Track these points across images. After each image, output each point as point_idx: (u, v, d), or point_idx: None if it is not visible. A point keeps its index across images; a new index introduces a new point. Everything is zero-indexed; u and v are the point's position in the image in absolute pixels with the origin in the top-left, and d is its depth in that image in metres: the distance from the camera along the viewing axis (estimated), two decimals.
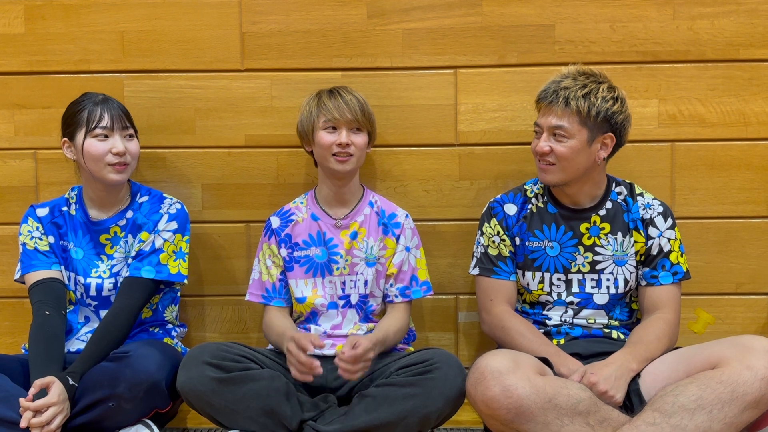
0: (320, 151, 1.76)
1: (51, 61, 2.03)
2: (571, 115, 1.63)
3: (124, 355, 1.56)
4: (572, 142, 1.64)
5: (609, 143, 1.68)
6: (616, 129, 1.68)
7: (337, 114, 1.73)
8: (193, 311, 2.08)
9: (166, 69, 2.02)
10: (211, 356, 1.57)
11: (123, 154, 1.73)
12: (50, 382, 1.53)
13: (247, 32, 2.01)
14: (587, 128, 1.64)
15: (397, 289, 1.78)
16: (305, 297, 1.78)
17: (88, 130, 1.73)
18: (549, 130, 1.66)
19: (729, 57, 1.97)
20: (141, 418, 1.61)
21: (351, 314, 1.79)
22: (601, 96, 1.63)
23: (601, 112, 1.63)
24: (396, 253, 1.79)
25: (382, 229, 1.81)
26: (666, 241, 1.71)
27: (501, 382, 1.42)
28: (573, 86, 1.64)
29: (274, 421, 1.57)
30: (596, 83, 1.66)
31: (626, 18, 1.97)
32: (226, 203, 2.05)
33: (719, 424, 1.41)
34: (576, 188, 1.71)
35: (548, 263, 1.74)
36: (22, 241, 1.80)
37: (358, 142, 1.76)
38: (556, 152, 1.65)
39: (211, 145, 2.04)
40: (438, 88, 2.00)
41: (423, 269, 1.82)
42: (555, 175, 1.67)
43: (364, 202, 1.84)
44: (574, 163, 1.65)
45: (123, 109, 1.78)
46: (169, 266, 1.77)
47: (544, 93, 1.68)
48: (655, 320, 1.67)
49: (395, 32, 2.00)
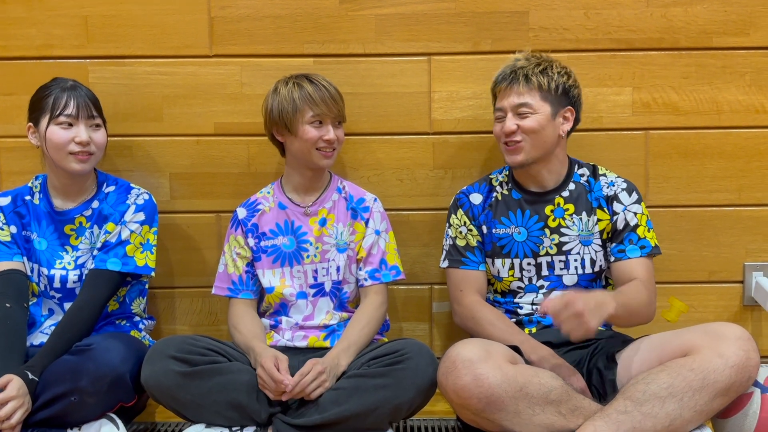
0: (303, 145, 1.71)
1: (12, 46, 1.97)
2: (532, 91, 1.66)
3: (87, 348, 1.52)
4: (538, 116, 1.66)
5: (570, 117, 1.71)
6: (574, 102, 1.72)
7: (325, 108, 1.68)
8: (162, 303, 2.04)
9: (132, 55, 1.97)
10: (176, 350, 1.54)
11: (87, 143, 1.69)
12: (7, 380, 1.49)
13: (216, 17, 1.96)
14: (549, 102, 1.67)
15: (367, 272, 1.76)
16: (273, 287, 1.75)
17: (52, 116, 1.68)
18: (513, 110, 1.67)
19: (702, 45, 1.96)
20: (105, 412, 1.56)
21: (323, 303, 1.76)
22: (556, 71, 1.68)
23: (559, 85, 1.67)
24: (365, 236, 1.77)
25: (351, 214, 1.78)
26: (632, 215, 1.70)
27: (472, 371, 1.40)
28: (528, 65, 1.68)
29: (242, 415, 1.54)
30: (547, 61, 1.70)
31: (600, 5, 1.95)
32: (196, 193, 2.01)
33: (690, 412, 1.40)
34: (540, 166, 1.71)
35: (516, 249, 1.74)
36: None
37: (341, 136, 1.75)
38: (523, 128, 1.65)
39: (180, 133, 1.99)
40: (412, 75, 1.98)
41: (392, 253, 1.79)
42: (524, 154, 1.67)
43: (331, 188, 1.81)
44: (542, 138, 1.66)
45: (92, 98, 1.73)
46: (136, 258, 1.73)
47: (502, 76, 1.70)
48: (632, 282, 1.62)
49: (368, 18, 1.96)
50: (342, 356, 1.60)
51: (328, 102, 1.69)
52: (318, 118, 1.69)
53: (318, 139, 1.69)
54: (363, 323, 1.69)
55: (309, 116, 1.69)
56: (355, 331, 1.67)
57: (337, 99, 1.72)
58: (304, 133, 1.69)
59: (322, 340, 1.74)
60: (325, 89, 1.71)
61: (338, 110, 1.71)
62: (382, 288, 1.76)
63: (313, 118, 1.69)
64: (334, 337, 1.74)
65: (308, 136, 1.69)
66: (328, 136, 1.69)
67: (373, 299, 1.74)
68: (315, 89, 1.70)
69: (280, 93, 1.72)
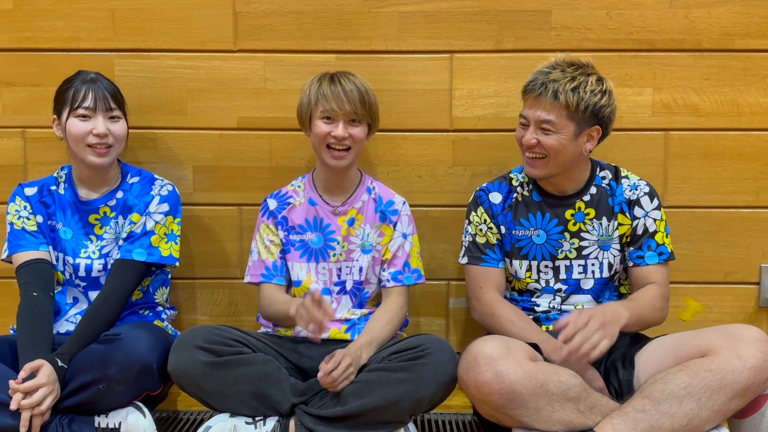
0: (315, 141, 1.74)
1: (40, 38, 1.99)
2: (559, 109, 1.61)
3: (116, 337, 1.55)
4: (559, 136, 1.62)
5: (595, 136, 1.67)
6: (602, 122, 1.66)
7: (334, 105, 1.68)
8: (183, 294, 2.07)
9: (157, 48, 1.99)
10: (203, 340, 1.56)
11: (104, 135, 1.70)
12: (39, 365, 1.52)
13: (241, 12, 1.98)
14: (575, 122, 1.62)
15: (390, 273, 1.78)
16: (300, 281, 1.78)
17: (71, 109, 1.71)
18: (536, 124, 1.64)
19: (724, 47, 1.97)
20: (132, 400, 1.60)
21: (345, 300, 1.78)
22: (589, 90, 1.61)
23: (589, 106, 1.61)
24: (392, 239, 1.79)
25: (380, 216, 1.80)
26: (652, 221, 1.71)
27: (493, 368, 1.42)
28: (562, 79, 1.60)
29: (266, 405, 1.57)
30: (585, 75, 1.62)
31: (623, 5, 1.96)
32: (218, 186, 2.03)
33: (707, 412, 1.42)
34: (561, 179, 1.71)
35: (535, 251, 1.75)
36: (10, 221, 1.78)
37: (356, 134, 1.71)
38: (543, 144, 1.63)
39: (203, 127, 2.02)
40: (433, 72, 1.99)
41: (415, 257, 1.81)
42: (542, 170, 1.67)
43: (362, 188, 1.82)
44: (561, 156, 1.64)
45: (111, 90, 1.74)
46: (161, 249, 1.75)
47: (532, 84, 1.64)
48: (647, 288, 1.68)
49: (391, 15, 1.98)
50: (364, 350, 1.62)
51: (339, 98, 1.68)
52: (328, 114, 1.70)
53: (327, 134, 1.70)
54: (386, 320, 1.71)
55: (320, 111, 1.71)
56: (378, 326, 1.69)
57: (352, 96, 1.69)
58: (315, 128, 1.72)
59: (343, 332, 1.76)
60: (341, 87, 1.69)
61: (351, 107, 1.68)
62: (404, 290, 1.79)
63: (323, 114, 1.70)
64: (354, 330, 1.76)
65: (317, 130, 1.71)
66: (336, 132, 1.69)
67: (396, 300, 1.76)
68: (331, 85, 1.70)
69: (307, 88, 1.76)
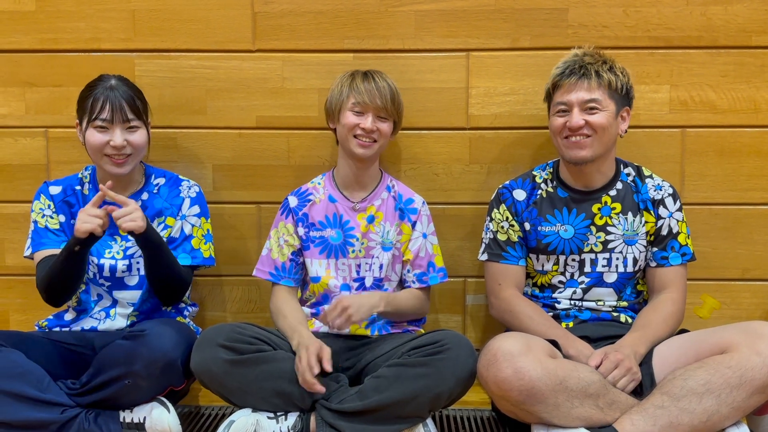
0: (343, 131, 1.77)
1: (61, 39, 2.02)
2: (602, 87, 1.66)
3: (141, 333, 1.57)
4: (606, 113, 1.66)
5: (626, 117, 1.73)
6: (631, 103, 1.73)
7: (367, 98, 1.73)
8: (204, 291, 2.10)
9: (177, 49, 2.01)
10: (225, 338, 1.58)
11: (121, 147, 1.71)
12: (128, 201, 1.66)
13: (259, 12, 2.00)
14: (614, 101, 1.68)
15: (415, 275, 1.81)
16: (320, 277, 1.80)
17: (90, 119, 1.72)
18: (581, 105, 1.66)
19: (741, 44, 1.96)
20: (156, 395, 1.63)
21: None
22: (619, 71, 1.69)
23: (624, 85, 1.69)
24: (412, 239, 1.81)
25: (399, 215, 1.82)
26: (675, 222, 1.73)
27: (513, 364, 1.44)
28: (596, 62, 1.68)
29: (287, 402, 1.59)
30: (610, 59, 1.71)
31: (640, 3, 1.96)
32: (237, 184, 2.06)
33: (727, 408, 1.43)
34: (595, 166, 1.72)
35: (562, 246, 1.75)
36: (34, 219, 1.80)
37: (384, 130, 1.76)
38: (593, 124, 1.65)
39: (222, 126, 2.04)
40: (450, 71, 2.00)
41: (439, 255, 1.84)
42: (589, 150, 1.67)
43: (381, 186, 1.85)
44: (606, 135, 1.67)
45: (130, 98, 1.72)
46: (202, 251, 1.81)
47: (570, 69, 1.68)
48: (663, 301, 1.70)
49: (408, 14, 1.99)
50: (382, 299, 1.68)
51: (372, 93, 1.73)
52: (358, 107, 1.74)
53: (355, 126, 1.74)
54: (410, 296, 1.78)
55: (351, 103, 1.75)
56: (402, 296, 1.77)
57: (384, 92, 1.75)
58: (345, 118, 1.75)
59: (363, 327, 1.78)
60: (374, 82, 1.75)
61: (383, 103, 1.74)
62: (428, 291, 1.83)
63: (354, 106, 1.74)
64: (374, 327, 1.78)
65: (347, 121, 1.75)
66: (366, 124, 1.73)
67: (419, 297, 1.81)
68: (365, 81, 1.76)
69: (338, 82, 1.80)
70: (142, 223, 1.62)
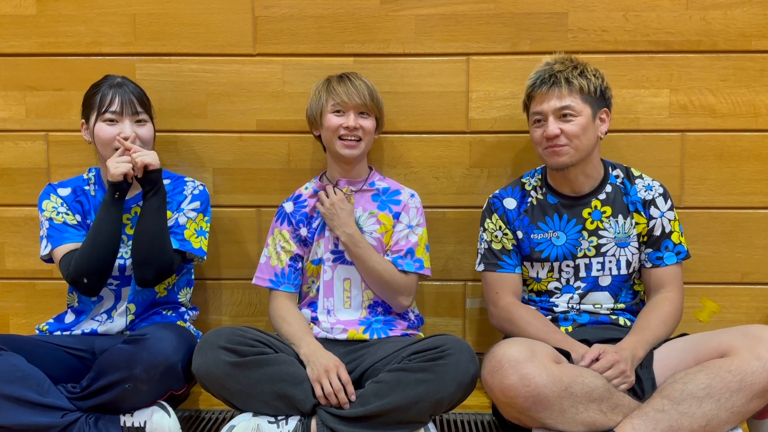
0: (327, 134, 1.79)
1: (62, 43, 2.02)
2: (574, 93, 1.67)
3: (141, 337, 1.57)
4: (580, 119, 1.67)
5: (605, 118, 1.74)
6: (608, 104, 1.74)
7: (345, 98, 1.75)
8: (204, 294, 2.10)
9: (177, 52, 2.02)
10: (226, 341, 1.58)
11: (131, 139, 1.73)
12: None
13: (260, 16, 2.01)
14: (589, 104, 1.69)
15: (392, 259, 1.80)
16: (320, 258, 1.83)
17: (98, 114, 1.74)
18: (555, 113, 1.68)
19: (741, 48, 1.97)
20: (156, 399, 1.62)
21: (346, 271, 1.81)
22: (592, 74, 1.70)
23: (597, 87, 1.69)
24: (395, 231, 1.82)
25: (378, 205, 1.83)
26: (667, 221, 1.73)
27: (518, 371, 1.44)
28: (565, 69, 1.69)
29: (288, 405, 1.59)
30: (582, 64, 1.72)
31: (639, 7, 1.97)
32: (237, 187, 2.06)
33: (726, 413, 1.43)
34: (578, 170, 1.72)
35: (555, 252, 1.76)
36: (48, 217, 1.77)
37: (367, 126, 1.78)
38: (567, 132, 1.67)
39: (223, 130, 2.04)
40: (450, 75, 2.01)
41: (421, 248, 1.82)
42: (567, 156, 1.68)
43: (366, 181, 1.87)
44: (584, 140, 1.68)
45: (137, 94, 1.77)
46: (192, 242, 1.79)
47: (540, 79, 1.70)
48: (661, 301, 1.70)
49: (408, 18, 1.99)
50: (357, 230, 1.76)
51: (350, 92, 1.76)
52: (338, 107, 1.77)
53: (339, 126, 1.76)
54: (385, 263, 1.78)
55: (330, 105, 1.77)
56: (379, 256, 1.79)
57: (362, 90, 1.77)
58: (327, 121, 1.78)
59: (361, 333, 1.78)
60: (350, 82, 1.78)
61: (361, 100, 1.76)
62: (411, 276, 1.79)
63: (335, 107, 1.77)
64: (371, 331, 1.79)
65: (329, 123, 1.77)
66: (348, 123, 1.75)
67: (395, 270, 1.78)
68: (340, 82, 1.79)
69: (314, 90, 1.83)
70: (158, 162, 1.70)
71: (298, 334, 1.69)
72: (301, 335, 1.69)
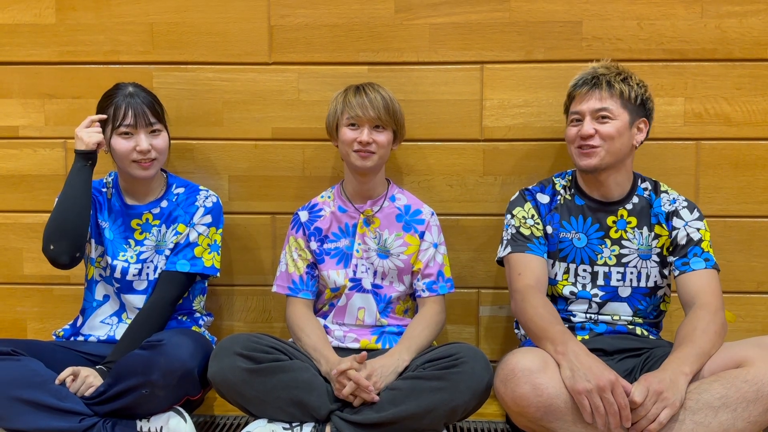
0: (343, 147, 1.80)
1: (81, 51, 2.05)
2: (614, 97, 1.69)
3: (158, 343, 1.59)
4: (617, 122, 1.68)
5: (643, 128, 1.74)
6: (649, 115, 1.75)
7: (359, 112, 1.75)
8: (219, 301, 2.11)
9: (194, 61, 2.04)
10: (242, 347, 1.59)
11: (147, 152, 1.76)
12: (79, 371, 1.64)
13: (276, 25, 2.03)
14: (628, 111, 1.70)
15: (425, 284, 1.82)
16: (338, 287, 1.82)
17: (114, 127, 1.76)
18: (592, 114, 1.69)
19: (756, 56, 1.97)
20: (173, 405, 1.64)
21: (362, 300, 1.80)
22: (636, 82, 1.72)
23: (638, 96, 1.71)
24: (421, 250, 1.82)
25: (403, 226, 1.83)
26: (694, 230, 1.71)
27: (531, 381, 1.44)
28: (609, 73, 1.71)
29: (303, 411, 1.59)
30: (627, 72, 1.74)
31: (654, 16, 1.97)
32: (253, 195, 2.08)
33: (743, 423, 1.42)
34: (609, 175, 1.72)
35: (574, 254, 1.76)
36: None
37: (381, 141, 1.77)
38: (601, 133, 1.67)
39: (239, 138, 2.06)
40: (464, 83, 2.01)
41: (447, 266, 1.85)
42: (597, 158, 1.68)
43: (386, 196, 1.87)
44: (617, 144, 1.68)
45: (150, 104, 1.78)
46: (204, 259, 1.81)
47: (583, 80, 1.72)
48: (695, 314, 1.58)
49: (422, 27, 2.01)
50: (405, 353, 1.65)
51: (364, 105, 1.75)
52: (353, 121, 1.76)
53: (353, 140, 1.76)
54: (423, 325, 1.75)
55: (345, 118, 1.78)
56: (416, 331, 1.73)
57: (377, 104, 1.75)
58: (342, 135, 1.79)
59: (374, 342, 1.79)
60: (365, 95, 1.76)
61: (375, 114, 1.75)
62: (440, 299, 1.83)
63: (349, 120, 1.77)
64: (384, 339, 1.79)
65: (344, 137, 1.78)
66: (362, 137, 1.75)
67: (432, 307, 1.80)
68: (356, 95, 1.78)
69: (334, 99, 1.83)
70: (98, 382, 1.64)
71: (317, 348, 1.70)
72: (320, 350, 1.69)
